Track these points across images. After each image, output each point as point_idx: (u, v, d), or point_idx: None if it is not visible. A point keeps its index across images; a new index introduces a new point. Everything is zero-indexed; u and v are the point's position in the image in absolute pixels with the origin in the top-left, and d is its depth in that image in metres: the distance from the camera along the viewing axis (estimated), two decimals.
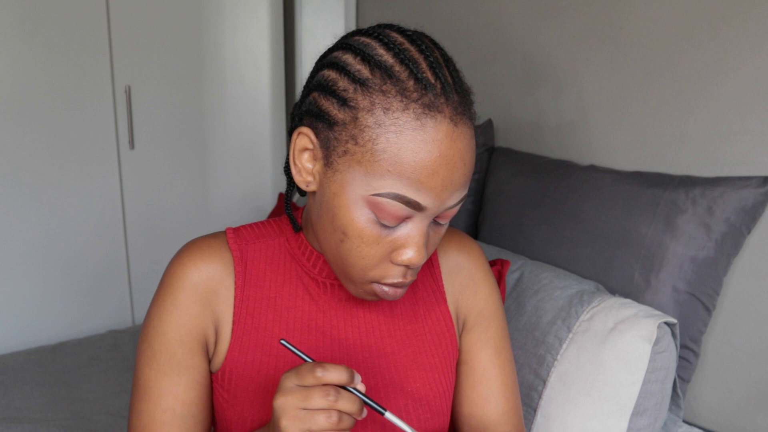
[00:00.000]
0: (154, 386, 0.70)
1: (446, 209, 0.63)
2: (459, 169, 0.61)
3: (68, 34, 1.92)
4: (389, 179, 0.59)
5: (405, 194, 0.59)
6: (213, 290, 0.71)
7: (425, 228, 0.63)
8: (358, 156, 0.60)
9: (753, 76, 1.15)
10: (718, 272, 1.15)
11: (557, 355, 1.06)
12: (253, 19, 2.31)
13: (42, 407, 1.52)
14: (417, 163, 0.58)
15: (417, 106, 0.58)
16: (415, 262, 0.63)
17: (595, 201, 1.27)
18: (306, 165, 0.65)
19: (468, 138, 0.61)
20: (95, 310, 2.13)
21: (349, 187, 0.61)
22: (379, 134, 0.58)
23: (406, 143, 0.58)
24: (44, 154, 1.95)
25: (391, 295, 0.66)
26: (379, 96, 0.59)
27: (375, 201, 0.60)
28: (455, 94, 0.60)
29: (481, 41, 1.72)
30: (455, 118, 0.60)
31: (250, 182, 2.43)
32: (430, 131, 0.58)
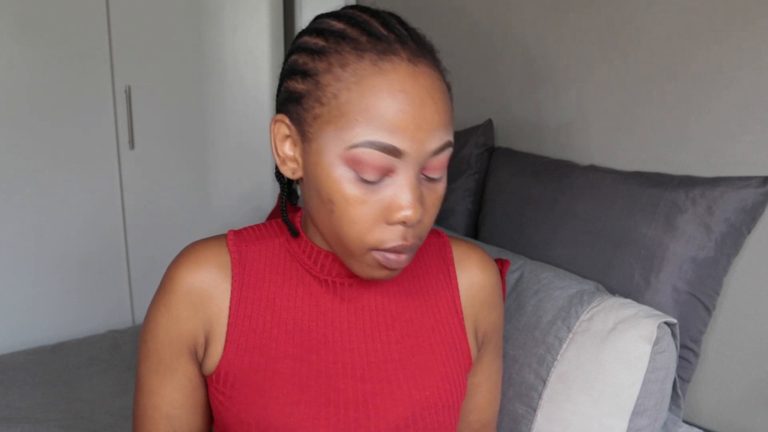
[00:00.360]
0: (146, 383, 0.73)
1: (431, 156, 0.62)
2: (429, 107, 0.60)
3: (68, 34, 1.92)
4: (359, 128, 0.59)
5: (378, 139, 0.59)
6: (206, 294, 0.71)
7: (414, 180, 0.61)
8: (326, 116, 0.61)
9: (753, 77, 1.15)
10: (718, 272, 1.15)
11: (557, 355, 1.06)
12: (253, 19, 2.31)
13: (42, 407, 1.52)
14: (381, 105, 0.58)
15: (372, 54, 0.60)
16: (411, 218, 0.61)
17: (595, 201, 1.27)
18: (288, 153, 0.67)
19: (432, 78, 0.61)
20: (95, 310, 2.13)
21: (325, 150, 0.61)
22: (340, 89, 0.60)
23: (367, 89, 0.59)
24: (44, 154, 1.95)
25: (395, 262, 0.64)
26: (334, 56, 0.61)
27: (351, 155, 0.60)
28: (412, 42, 0.62)
29: (481, 41, 1.72)
30: (414, 60, 0.61)
31: (250, 182, 2.43)
32: (389, 73, 0.59)
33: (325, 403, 0.69)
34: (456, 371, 0.76)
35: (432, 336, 0.76)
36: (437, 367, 0.74)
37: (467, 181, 1.62)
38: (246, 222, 2.37)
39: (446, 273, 0.79)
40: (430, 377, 0.74)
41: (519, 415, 1.07)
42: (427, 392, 0.73)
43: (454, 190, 1.62)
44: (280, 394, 0.69)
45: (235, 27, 2.27)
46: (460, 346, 0.77)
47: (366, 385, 0.71)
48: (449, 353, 0.76)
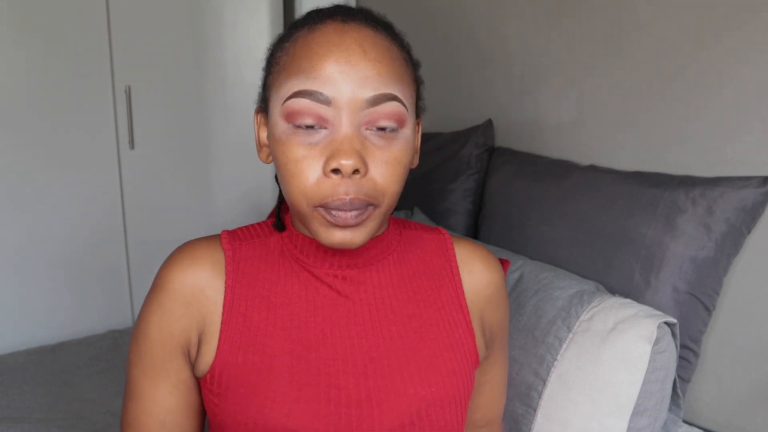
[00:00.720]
0: (139, 387, 0.72)
1: (367, 107, 0.62)
2: (356, 54, 0.62)
3: (68, 34, 1.92)
4: (289, 83, 0.63)
5: (305, 87, 0.62)
6: (199, 292, 0.71)
7: (349, 129, 0.62)
8: (272, 84, 0.67)
9: (753, 77, 1.15)
10: (718, 272, 1.15)
11: (557, 355, 1.06)
12: (253, 19, 2.31)
13: (42, 407, 1.52)
14: (308, 56, 0.63)
15: (311, 23, 0.66)
16: (346, 167, 0.61)
17: (595, 201, 1.27)
18: (264, 139, 0.72)
19: (365, 33, 0.64)
20: (95, 310, 2.13)
21: (272, 115, 0.66)
22: (281, 56, 0.66)
23: (299, 47, 0.64)
24: (44, 154, 1.95)
25: (342, 219, 0.63)
26: (286, 36, 0.68)
27: (286, 109, 0.63)
28: (360, 15, 0.66)
29: (481, 41, 1.72)
30: (346, 19, 0.64)
31: (251, 182, 2.43)
32: (318, 30, 0.64)
33: (325, 400, 0.68)
34: (463, 367, 0.75)
35: (436, 331, 0.75)
36: (443, 363, 0.73)
37: (467, 181, 1.62)
38: (246, 221, 2.37)
39: (449, 269, 0.79)
40: (436, 373, 0.73)
41: (519, 415, 1.07)
42: (433, 388, 0.72)
43: (454, 190, 1.62)
44: (278, 393, 0.67)
45: (235, 27, 2.27)
46: (466, 342, 0.76)
47: (368, 381, 0.70)
48: (455, 349, 0.75)
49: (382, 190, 0.65)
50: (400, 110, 0.64)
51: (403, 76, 0.66)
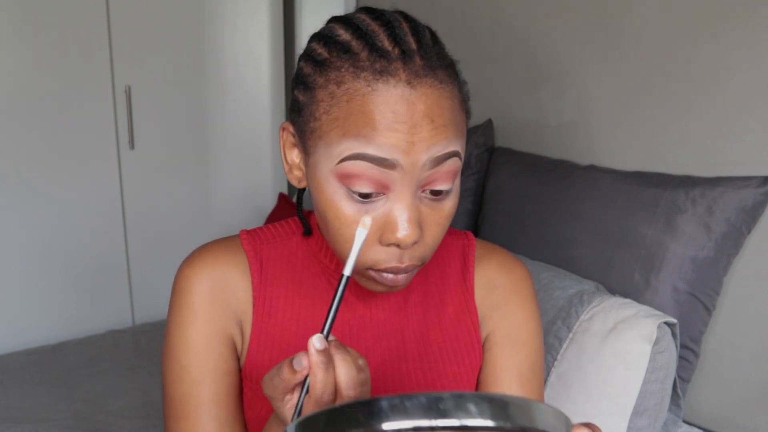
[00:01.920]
0: (191, 400, 0.67)
1: (430, 168, 0.58)
2: (424, 126, 0.57)
3: (68, 34, 1.92)
4: (347, 143, 0.57)
5: (366, 151, 0.56)
6: (230, 291, 0.70)
7: (409, 198, 0.58)
8: (318, 131, 0.59)
9: (753, 77, 1.15)
10: (718, 272, 1.15)
11: (557, 355, 1.06)
12: (253, 20, 2.31)
13: (42, 407, 1.52)
14: (371, 123, 0.56)
15: (368, 74, 0.57)
16: (405, 240, 0.58)
17: (595, 201, 1.27)
18: (295, 161, 0.66)
19: (433, 98, 0.58)
20: (95, 310, 2.13)
21: (319, 166, 0.60)
22: (332, 105, 0.58)
23: (357, 107, 0.57)
24: (44, 154, 1.95)
25: (391, 282, 0.61)
26: (333, 72, 0.59)
27: (341, 170, 0.58)
28: (418, 59, 0.58)
29: (481, 41, 1.72)
30: (413, 81, 0.57)
31: (251, 182, 2.43)
32: (382, 94, 0.56)
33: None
34: (469, 372, 0.75)
35: (445, 337, 0.75)
36: (450, 368, 0.73)
37: (467, 181, 1.62)
38: (245, 222, 2.37)
39: (464, 273, 0.78)
40: (443, 378, 0.73)
41: None
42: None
43: None
44: None
45: (235, 28, 2.27)
46: (473, 347, 0.76)
47: (379, 385, 0.70)
48: (462, 354, 0.75)
49: (431, 249, 0.63)
50: (457, 165, 0.60)
51: (462, 127, 0.61)
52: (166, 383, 0.69)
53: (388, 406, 0.31)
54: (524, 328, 0.77)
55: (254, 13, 2.31)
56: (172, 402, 0.69)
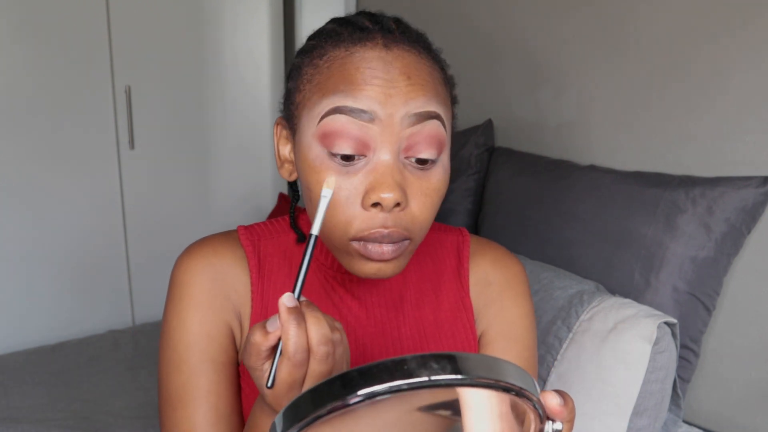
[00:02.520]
0: (190, 390, 0.67)
1: (410, 126, 0.58)
2: (400, 81, 0.58)
3: (68, 34, 1.92)
4: (327, 100, 0.58)
5: (344, 104, 0.57)
6: (230, 284, 0.69)
7: (392, 159, 0.58)
8: (302, 102, 0.62)
9: (753, 77, 1.15)
10: (718, 272, 1.15)
11: (557, 355, 1.06)
12: (253, 19, 2.31)
13: (42, 407, 1.52)
14: (348, 79, 0.58)
15: (347, 42, 0.61)
16: (387, 200, 0.57)
17: (595, 201, 1.27)
18: (286, 155, 0.67)
19: (408, 59, 0.60)
20: (95, 310, 2.13)
21: (303, 134, 0.61)
22: (313, 74, 0.61)
23: (336, 69, 0.59)
24: (44, 154, 1.95)
25: (377, 253, 0.60)
26: (316, 50, 0.63)
27: (321, 129, 0.58)
28: (397, 33, 0.62)
29: (481, 41, 1.72)
30: (389, 45, 0.60)
31: (251, 182, 2.43)
32: (358, 54, 0.59)
33: None
34: None
35: (440, 333, 0.75)
36: None
37: (467, 181, 1.62)
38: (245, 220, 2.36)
39: (459, 269, 0.78)
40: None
41: None
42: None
43: (454, 190, 1.62)
44: None
45: (235, 27, 2.27)
46: (469, 344, 0.76)
47: None
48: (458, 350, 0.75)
49: (419, 223, 0.62)
50: (440, 131, 0.61)
51: (444, 99, 0.63)
52: (163, 374, 0.69)
53: (359, 374, 0.34)
54: (519, 325, 0.77)
55: (254, 13, 2.31)
56: (168, 392, 0.68)
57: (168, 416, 0.68)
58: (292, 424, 0.35)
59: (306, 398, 0.35)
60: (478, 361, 0.35)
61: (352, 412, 0.34)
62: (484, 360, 0.35)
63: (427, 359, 0.34)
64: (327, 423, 0.35)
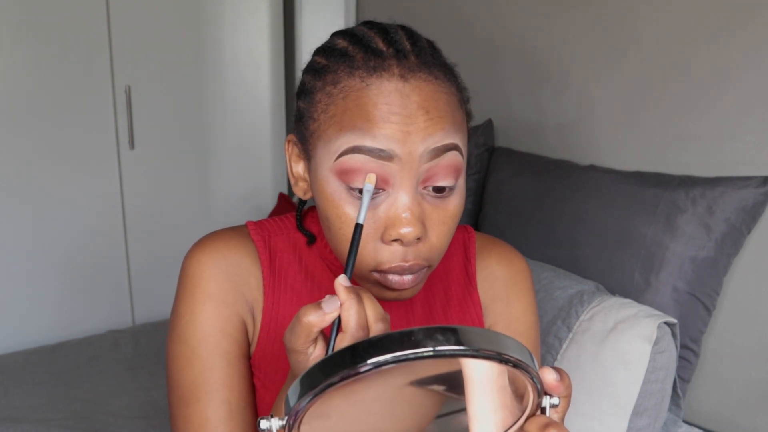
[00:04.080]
0: (202, 384, 0.66)
1: (428, 161, 0.58)
2: (419, 116, 0.58)
3: (68, 34, 1.92)
4: (344, 138, 0.58)
5: (363, 143, 0.57)
6: (243, 278, 0.69)
7: (411, 194, 0.58)
8: (318, 132, 0.61)
9: (753, 77, 1.15)
10: (718, 272, 1.15)
11: (557, 355, 1.06)
12: (253, 19, 2.31)
13: (42, 407, 1.52)
14: (364, 114, 0.57)
15: (362, 71, 0.59)
16: (408, 236, 0.58)
17: (595, 201, 1.27)
18: (300, 173, 0.66)
19: (427, 91, 0.59)
20: (95, 310, 2.13)
21: (320, 167, 0.61)
22: (328, 104, 0.60)
23: (352, 102, 0.58)
24: (44, 154, 1.95)
25: (397, 284, 0.61)
26: (330, 75, 0.61)
27: (339, 166, 0.58)
28: (413, 57, 0.60)
29: (481, 41, 1.72)
30: (406, 75, 0.59)
31: (251, 182, 2.43)
32: (375, 88, 0.58)
33: None
34: None
35: None
36: None
37: (467, 181, 1.61)
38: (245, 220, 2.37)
39: (466, 266, 0.78)
40: None
41: None
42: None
43: None
44: None
45: (235, 27, 2.27)
46: None
47: None
48: None
49: (437, 250, 0.62)
50: (458, 160, 0.60)
51: (461, 123, 0.62)
52: (173, 369, 0.68)
53: (369, 344, 0.36)
54: (523, 320, 0.78)
55: (254, 13, 2.31)
56: (180, 387, 0.67)
57: (179, 412, 0.67)
58: (306, 391, 0.37)
59: (317, 368, 0.37)
60: (480, 335, 0.36)
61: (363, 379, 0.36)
62: (486, 334, 0.37)
63: (433, 331, 0.35)
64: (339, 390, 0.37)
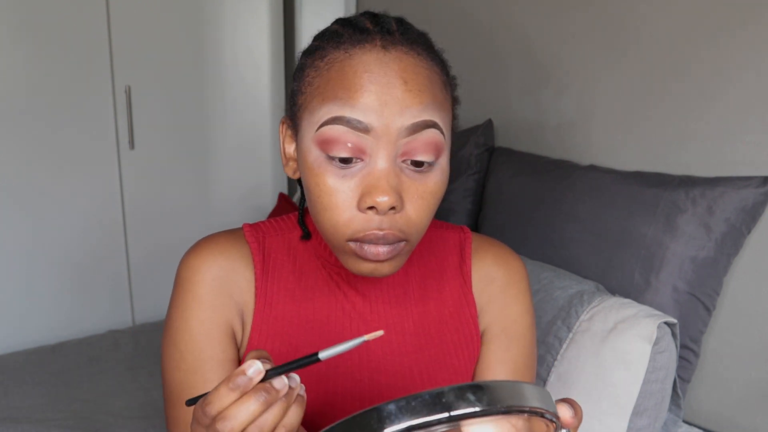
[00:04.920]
0: (187, 387, 0.68)
1: (405, 134, 0.59)
2: (397, 86, 0.59)
3: (68, 34, 1.92)
4: (325, 108, 0.60)
5: (342, 114, 0.59)
6: (233, 281, 0.71)
7: (388, 164, 0.60)
8: (304, 104, 0.63)
9: (753, 77, 1.15)
10: (718, 272, 1.15)
11: (557, 355, 1.06)
12: (253, 19, 2.31)
13: (42, 407, 1.52)
14: (346, 85, 0.59)
15: (347, 44, 0.62)
16: (382, 204, 0.59)
17: (595, 201, 1.27)
18: (291, 153, 0.68)
19: (406, 62, 0.61)
20: (95, 310, 2.13)
21: (304, 137, 0.63)
22: (314, 76, 0.63)
23: (335, 72, 0.61)
24: (44, 154, 1.95)
25: (373, 254, 0.61)
26: (318, 51, 0.64)
27: (320, 136, 0.60)
28: (398, 34, 0.62)
29: (481, 41, 1.72)
30: (388, 47, 0.61)
31: (251, 182, 2.43)
32: (357, 57, 0.60)
33: (341, 393, 0.70)
34: (467, 363, 0.76)
35: (444, 330, 0.76)
36: (448, 360, 0.75)
37: (467, 181, 1.62)
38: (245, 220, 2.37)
39: (462, 266, 0.79)
40: (442, 370, 0.74)
41: None
42: (438, 385, 0.73)
43: (454, 190, 1.62)
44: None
45: (235, 27, 2.27)
46: (472, 340, 0.77)
47: (381, 377, 0.71)
48: (461, 345, 0.76)
49: (414, 225, 0.63)
50: (438, 138, 0.61)
51: (443, 102, 0.63)
52: (164, 369, 0.70)
53: (396, 408, 0.33)
54: (520, 322, 0.79)
55: (254, 12, 2.31)
56: (169, 388, 0.69)
57: (169, 413, 0.70)
58: None
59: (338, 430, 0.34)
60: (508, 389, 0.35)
61: None
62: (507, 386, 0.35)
63: (464, 391, 0.33)
64: None
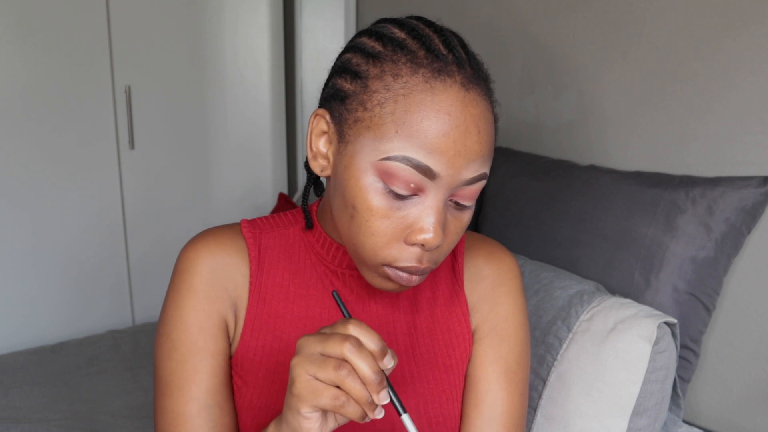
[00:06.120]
0: (176, 378, 0.69)
1: (463, 184, 0.60)
2: (473, 136, 0.59)
3: (68, 34, 1.92)
4: (398, 142, 0.58)
5: (414, 156, 0.57)
6: (229, 275, 0.71)
7: (441, 205, 0.60)
8: (367, 122, 0.60)
9: (754, 78, 1.15)
10: (718, 272, 1.15)
11: (557, 355, 1.06)
12: (253, 19, 2.31)
13: (42, 407, 1.52)
14: (425, 124, 0.57)
15: (427, 71, 0.59)
16: (431, 242, 0.60)
17: (595, 201, 1.27)
18: (321, 149, 0.66)
19: (481, 107, 0.60)
20: (95, 310, 2.13)
21: (359, 155, 0.60)
22: (387, 98, 0.59)
23: (414, 104, 0.58)
24: (44, 154, 1.95)
25: (405, 281, 0.63)
26: (389, 64, 0.60)
27: (384, 166, 0.59)
28: (468, 67, 0.61)
29: (480, 41, 1.72)
30: (467, 85, 0.60)
31: (251, 182, 2.44)
32: (439, 93, 0.58)
33: None
34: (459, 363, 0.76)
35: (436, 328, 0.76)
36: (440, 359, 0.75)
37: None
38: None
39: (454, 265, 0.79)
40: (434, 369, 0.74)
41: None
42: (430, 385, 0.73)
43: None
44: None
45: (235, 27, 2.27)
46: (464, 338, 0.77)
47: None
48: (453, 345, 0.76)
49: (444, 254, 0.65)
50: (483, 185, 0.63)
51: (493, 147, 0.64)
52: (156, 359, 0.71)
53: None
54: (511, 320, 0.78)
55: (254, 12, 2.31)
56: (159, 378, 0.70)
57: (157, 402, 0.70)
58: None
59: None
60: None
61: None
62: None
63: None
64: None
